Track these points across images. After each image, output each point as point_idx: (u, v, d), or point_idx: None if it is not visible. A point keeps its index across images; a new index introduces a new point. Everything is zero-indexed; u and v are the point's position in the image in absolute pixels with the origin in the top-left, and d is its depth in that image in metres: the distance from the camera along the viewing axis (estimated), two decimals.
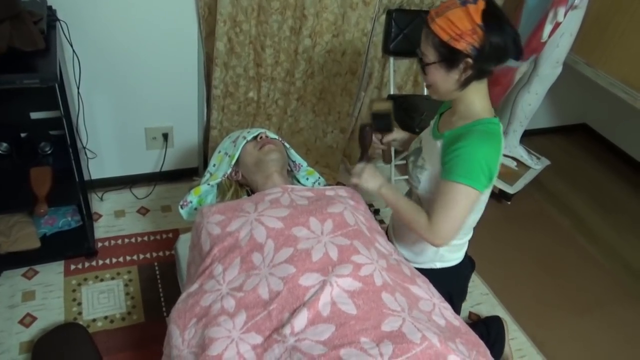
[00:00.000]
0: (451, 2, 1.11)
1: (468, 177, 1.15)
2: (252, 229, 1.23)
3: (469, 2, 1.09)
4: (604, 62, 2.34)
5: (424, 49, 1.17)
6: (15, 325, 1.65)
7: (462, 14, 1.08)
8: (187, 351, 1.09)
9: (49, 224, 1.90)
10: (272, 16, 1.96)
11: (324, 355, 0.95)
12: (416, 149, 1.38)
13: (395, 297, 1.08)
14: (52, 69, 1.41)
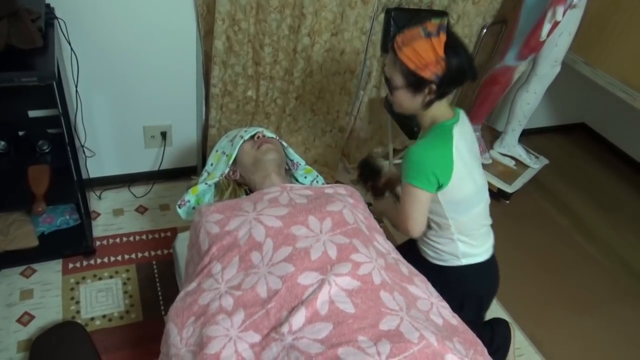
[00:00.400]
0: (415, 33, 1.23)
1: (413, 178, 1.31)
2: (251, 228, 1.23)
3: (432, 34, 1.21)
4: (602, 61, 2.34)
5: (391, 73, 1.30)
6: (13, 324, 1.65)
7: (427, 47, 1.20)
8: (185, 350, 1.09)
9: (47, 222, 1.89)
10: (271, 15, 1.96)
11: (321, 354, 0.95)
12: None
13: (393, 296, 1.08)
14: (50, 67, 1.41)
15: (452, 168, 1.31)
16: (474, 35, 2.48)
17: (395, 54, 1.26)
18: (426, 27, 1.22)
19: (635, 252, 2.47)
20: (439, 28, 1.21)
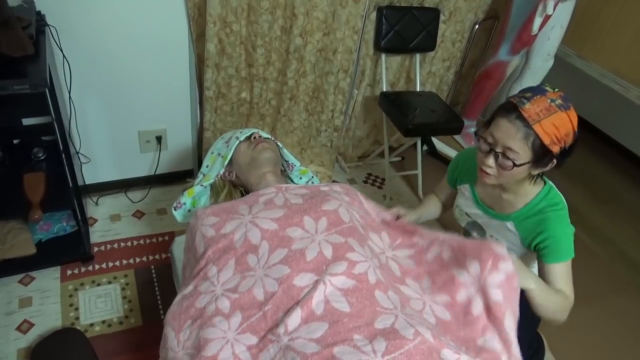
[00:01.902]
0: (546, 105, 1.12)
1: (571, 253, 1.26)
2: (247, 231, 1.23)
3: (565, 107, 1.13)
4: (595, 53, 2.35)
5: (516, 147, 1.15)
6: (12, 332, 1.64)
7: (566, 120, 1.12)
8: (183, 352, 1.09)
9: (45, 229, 1.89)
10: (262, 16, 1.96)
11: (317, 354, 0.95)
12: (473, 224, 1.45)
13: (388, 295, 1.08)
14: (41, 74, 1.41)
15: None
16: (466, 31, 2.48)
17: (529, 127, 1.12)
18: (555, 98, 1.13)
19: (633, 244, 2.47)
20: (565, 99, 1.14)
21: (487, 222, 1.40)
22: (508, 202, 1.33)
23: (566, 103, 1.13)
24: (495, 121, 1.18)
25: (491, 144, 1.19)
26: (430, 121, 2.21)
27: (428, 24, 2.33)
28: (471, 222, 1.45)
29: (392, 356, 0.92)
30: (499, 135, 1.17)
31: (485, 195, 1.40)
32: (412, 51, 2.40)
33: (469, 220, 1.45)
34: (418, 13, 2.29)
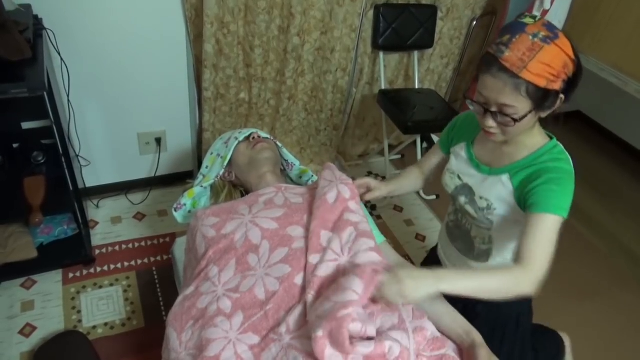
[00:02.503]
0: (528, 44, 0.97)
1: (562, 208, 1.06)
2: (247, 230, 1.23)
3: (550, 37, 0.97)
4: (593, 48, 2.34)
5: (511, 101, 1.01)
6: (15, 336, 1.65)
7: (556, 52, 0.97)
8: (185, 353, 1.09)
9: (46, 233, 1.90)
10: (260, 16, 1.96)
11: None
12: (461, 188, 1.27)
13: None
14: (40, 77, 1.41)
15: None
16: (464, 28, 2.48)
17: (516, 76, 0.98)
18: (533, 32, 0.97)
19: (634, 237, 2.47)
20: (550, 27, 0.98)
21: (478, 182, 1.24)
22: (507, 155, 1.18)
23: (552, 32, 0.97)
24: (480, 79, 1.05)
25: (484, 103, 1.06)
26: (429, 118, 2.21)
27: (425, 21, 2.32)
28: (460, 186, 1.28)
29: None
30: (488, 94, 1.03)
31: (484, 152, 1.24)
32: (410, 49, 2.40)
33: (458, 183, 1.29)
34: (415, 10, 2.29)
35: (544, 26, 0.98)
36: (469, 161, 1.26)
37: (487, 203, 1.20)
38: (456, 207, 1.33)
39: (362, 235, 1.15)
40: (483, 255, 1.30)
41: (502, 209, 1.18)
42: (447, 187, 1.33)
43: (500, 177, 1.17)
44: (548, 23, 0.99)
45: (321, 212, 1.21)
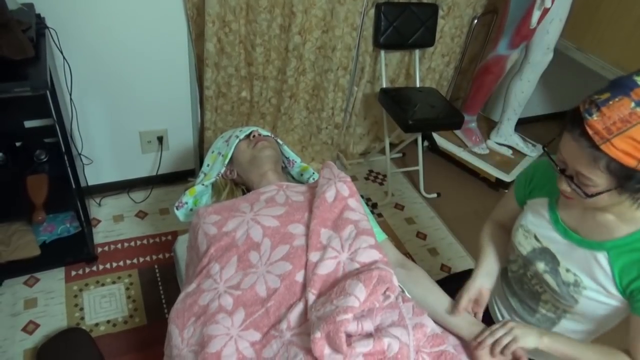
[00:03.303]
0: (630, 114, 0.79)
1: None
2: (249, 228, 1.23)
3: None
4: (594, 46, 2.34)
5: (588, 172, 0.86)
6: (18, 333, 1.66)
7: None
8: (187, 350, 1.10)
9: (48, 231, 1.91)
10: (261, 15, 1.96)
11: None
12: (540, 251, 1.10)
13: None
14: (42, 76, 1.42)
15: None
16: (465, 26, 2.48)
17: (596, 148, 0.82)
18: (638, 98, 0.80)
19: None
20: None
21: (565, 250, 1.05)
22: (604, 227, 0.98)
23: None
24: (563, 135, 0.89)
25: (562, 163, 0.91)
26: (430, 117, 2.22)
27: (427, 19, 2.33)
28: (539, 249, 1.09)
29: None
30: (566, 156, 0.89)
31: (570, 214, 1.05)
32: (411, 47, 2.40)
33: (536, 246, 1.10)
34: (416, 9, 2.29)
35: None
36: (553, 223, 1.07)
37: (576, 279, 1.03)
38: (527, 269, 1.15)
39: (362, 233, 1.16)
40: (545, 322, 1.15)
41: (595, 290, 1.00)
42: (520, 246, 1.14)
43: (595, 254, 0.99)
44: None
45: (320, 211, 1.22)
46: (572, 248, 1.03)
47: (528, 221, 1.12)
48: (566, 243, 1.04)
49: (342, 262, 1.11)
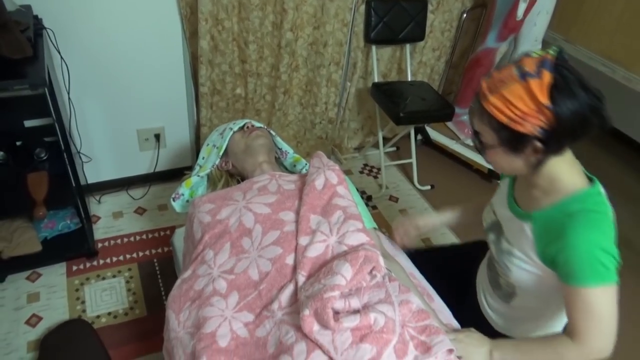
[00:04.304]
0: (508, 74, 0.92)
1: (597, 278, 0.95)
2: (241, 215, 1.28)
3: (529, 75, 0.89)
4: (582, 37, 2.39)
5: (479, 127, 0.99)
6: (22, 326, 1.70)
7: (523, 92, 0.89)
8: (184, 332, 1.14)
9: (49, 227, 1.95)
10: (253, 12, 2.01)
11: None
12: (493, 224, 1.19)
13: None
14: (40, 74, 1.46)
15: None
16: (454, 20, 2.53)
17: (480, 104, 0.95)
18: (522, 65, 0.91)
19: (624, 221, 2.51)
20: (540, 65, 0.90)
21: (508, 221, 1.14)
22: (534, 199, 1.06)
23: (538, 70, 0.89)
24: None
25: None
26: (422, 109, 2.26)
27: (416, 14, 2.37)
28: (494, 222, 1.19)
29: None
30: (470, 114, 1.03)
31: (518, 190, 1.14)
32: (402, 42, 2.45)
33: (493, 219, 1.20)
34: (406, 4, 2.34)
35: (540, 62, 0.90)
36: (507, 198, 1.16)
37: (510, 248, 1.11)
38: (489, 244, 1.24)
39: (350, 218, 1.20)
40: (507, 297, 1.22)
41: (523, 260, 1.08)
42: (484, 221, 1.24)
43: (523, 224, 1.07)
44: (549, 60, 0.89)
45: (310, 198, 1.26)
46: (512, 219, 1.12)
47: (494, 199, 1.23)
48: (509, 215, 1.13)
49: (331, 245, 1.16)
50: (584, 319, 0.97)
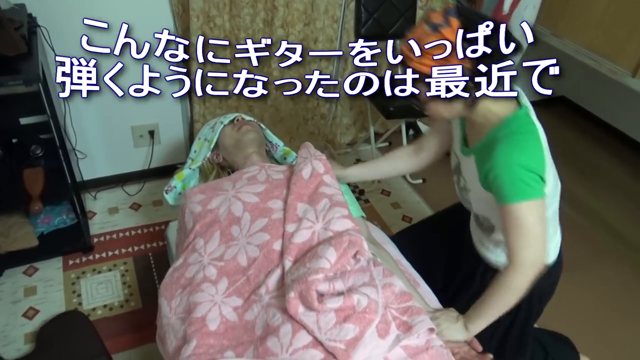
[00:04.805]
0: (421, 32, 1.01)
1: (519, 194, 1.02)
2: (231, 204, 1.31)
3: (440, 25, 0.98)
4: (569, 31, 2.42)
5: (414, 88, 1.06)
6: (19, 319, 1.74)
7: (439, 41, 0.98)
8: (175, 318, 1.18)
9: (46, 222, 1.98)
10: (244, 9, 2.05)
11: None
12: (456, 167, 1.28)
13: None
14: (35, 70, 1.50)
15: (545, 162, 1.07)
16: None
17: (406, 66, 1.04)
18: (431, 20, 1.00)
19: (614, 213, 2.55)
20: (445, 14, 0.99)
21: (463, 162, 1.23)
22: (477, 135, 1.15)
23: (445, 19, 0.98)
24: None
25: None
26: (411, 103, 2.29)
27: (406, 10, 2.41)
28: (455, 165, 1.28)
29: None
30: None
31: (468, 130, 1.21)
32: (392, 37, 2.47)
33: (455, 161, 1.28)
34: (395, 0, 2.37)
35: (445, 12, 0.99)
36: (460, 139, 1.24)
37: (465, 184, 1.21)
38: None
39: (335, 205, 1.24)
40: (490, 231, 1.27)
41: (476, 193, 1.17)
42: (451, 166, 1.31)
43: (471, 160, 1.16)
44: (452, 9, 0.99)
45: (297, 187, 1.30)
46: (463, 158, 1.21)
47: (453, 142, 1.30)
48: (461, 155, 1.22)
49: (317, 232, 1.19)
50: (514, 235, 1.04)
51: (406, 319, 1.04)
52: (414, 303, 1.08)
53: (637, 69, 2.14)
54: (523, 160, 1.02)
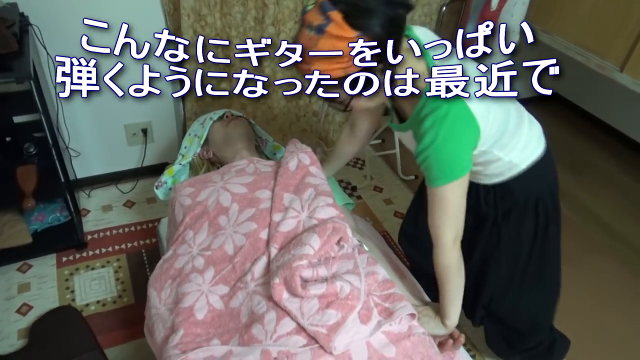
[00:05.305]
0: (306, 40, 0.93)
1: (446, 177, 1.03)
2: (219, 195, 1.33)
3: (323, 25, 0.89)
4: (558, 27, 2.44)
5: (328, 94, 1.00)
6: (12, 315, 1.75)
7: (331, 42, 0.89)
8: (164, 308, 1.20)
9: (39, 220, 2.00)
10: (235, 7, 2.06)
11: None
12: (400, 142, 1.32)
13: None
14: (26, 67, 1.51)
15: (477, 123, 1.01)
16: (434, 13, 2.58)
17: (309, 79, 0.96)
18: (310, 23, 0.92)
19: (606, 208, 2.57)
20: (322, 12, 0.89)
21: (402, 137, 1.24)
22: (407, 110, 1.11)
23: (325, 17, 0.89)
24: None
25: None
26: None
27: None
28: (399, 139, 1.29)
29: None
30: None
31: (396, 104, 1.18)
32: None
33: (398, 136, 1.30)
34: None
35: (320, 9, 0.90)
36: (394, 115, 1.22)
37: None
38: None
39: (321, 194, 1.26)
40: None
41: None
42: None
43: (407, 134, 1.13)
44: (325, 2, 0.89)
45: (284, 178, 1.32)
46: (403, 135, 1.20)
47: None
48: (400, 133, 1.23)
49: (302, 221, 1.21)
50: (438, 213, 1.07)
51: (388, 305, 1.06)
52: (395, 290, 1.10)
53: (625, 64, 2.16)
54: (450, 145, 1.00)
